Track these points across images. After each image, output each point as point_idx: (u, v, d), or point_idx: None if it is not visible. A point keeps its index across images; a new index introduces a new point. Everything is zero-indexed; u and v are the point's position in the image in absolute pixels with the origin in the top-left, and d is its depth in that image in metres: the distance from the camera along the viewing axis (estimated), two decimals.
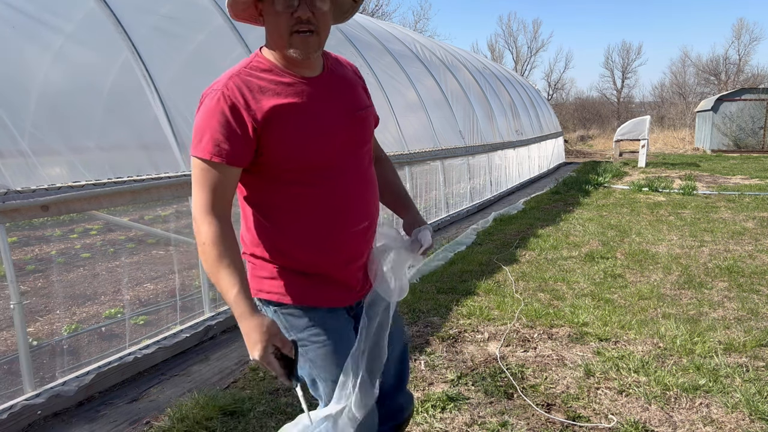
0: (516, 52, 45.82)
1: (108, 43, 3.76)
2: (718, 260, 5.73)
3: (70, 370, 3.15)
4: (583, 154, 24.83)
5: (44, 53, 3.35)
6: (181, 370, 3.47)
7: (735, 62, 40.67)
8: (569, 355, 3.48)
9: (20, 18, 3.26)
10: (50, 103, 3.25)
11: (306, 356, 1.58)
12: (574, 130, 34.76)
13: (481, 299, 4.53)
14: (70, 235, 6.45)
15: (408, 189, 7.19)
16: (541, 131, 15.89)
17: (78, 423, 2.85)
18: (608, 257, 5.88)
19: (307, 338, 1.57)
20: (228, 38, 5.00)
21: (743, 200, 9.87)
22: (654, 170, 15.56)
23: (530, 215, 8.59)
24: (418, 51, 9.82)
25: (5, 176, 2.81)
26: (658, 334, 3.73)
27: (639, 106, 41.86)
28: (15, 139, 2.95)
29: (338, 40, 7.10)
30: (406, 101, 8.07)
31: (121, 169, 3.39)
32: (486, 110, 11.29)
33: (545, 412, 2.78)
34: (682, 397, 2.92)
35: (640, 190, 11.28)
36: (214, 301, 4.17)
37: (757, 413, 2.73)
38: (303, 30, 1.41)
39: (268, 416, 2.78)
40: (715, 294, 4.65)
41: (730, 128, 22.96)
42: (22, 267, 5.40)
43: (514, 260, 5.79)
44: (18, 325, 2.82)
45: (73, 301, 4.53)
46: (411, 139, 7.52)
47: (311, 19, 1.41)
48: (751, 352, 3.46)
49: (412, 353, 3.50)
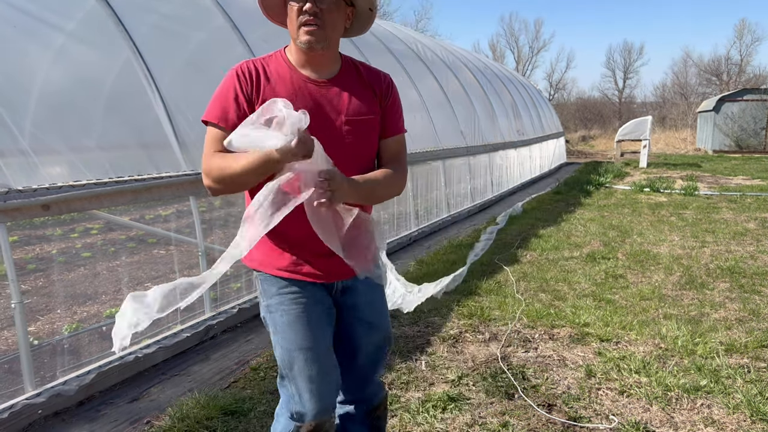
0: (517, 51, 45.87)
1: (109, 42, 3.76)
2: (720, 261, 5.72)
3: (70, 369, 3.15)
4: (584, 155, 24.81)
5: (45, 52, 3.35)
6: (181, 370, 3.47)
7: (737, 63, 40.63)
8: (570, 355, 3.47)
9: (21, 17, 3.26)
10: (51, 102, 3.25)
11: (272, 321, 1.73)
12: (575, 130, 34.76)
13: (482, 299, 4.52)
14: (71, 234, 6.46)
15: (408, 189, 7.21)
16: (542, 131, 15.87)
17: (78, 422, 2.85)
18: (609, 258, 5.87)
19: (274, 305, 1.71)
20: (229, 38, 4.99)
21: (745, 201, 9.86)
22: (655, 170, 15.55)
23: (531, 215, 8.58)
24: (420, 51, 9.82)
25: (6, 175, 2.81)
26: (659, 335, 3.72)
27: (640, 107, 41.83)
28: (16, 139, 2.95)
29: None
30: (407, 101, 8.07)
31: (122, 168, 3.39)
32: (487, 110, 11.28)
33: (546, 413, 2.78)
34: (683, 397, 2.91)
35: (642, 190, 11.27)
36: (215, 301, 4.17)
37: (758, 414, 2.72)
38: (310, 23, 1.60)
39: (268, 416, 2.78)
40: (716, 295, 4.64)
41: (732, 129, 22.94)
42: (23, 266, 5.40)
43: (516, 260, 5.78)
44: (19, 324, 2.82)
45: (74, 300, 4.53)
46: (412, 138, 7.50)
47: (318, 13, 1.59)
48: (752, 352, 3.45)
49: (412, 353, 3.50)
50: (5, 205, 2.70)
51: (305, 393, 1.69)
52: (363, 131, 1.72)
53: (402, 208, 7.18)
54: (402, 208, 7.19)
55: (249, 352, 3.70)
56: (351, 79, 1.74)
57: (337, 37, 1.69)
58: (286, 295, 1.70)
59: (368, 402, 1.93)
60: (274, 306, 1.71)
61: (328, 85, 1.70)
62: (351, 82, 1.74)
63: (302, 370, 1.68)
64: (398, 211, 7.07)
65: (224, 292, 4.41)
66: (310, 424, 1.69)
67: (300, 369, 1.68)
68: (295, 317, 1.68)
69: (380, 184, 1.71)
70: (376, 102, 1.76)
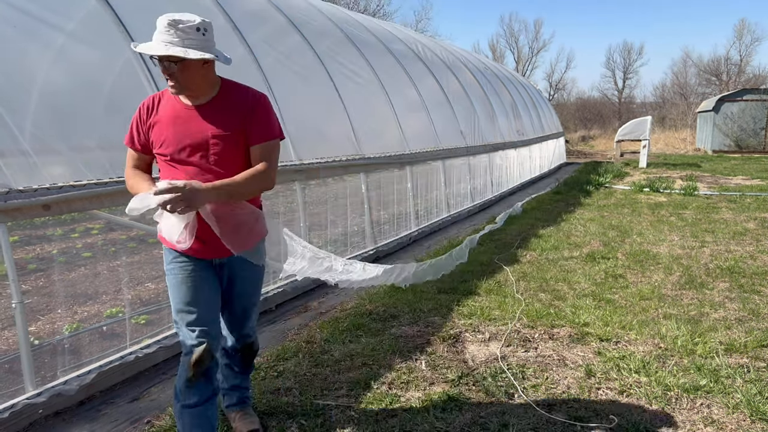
0: (517, 52, 45.86)
1: (109, 42, 3.76)
2: (720, 261, 5.72)
3: (71, 369, 3.16)
4: (584, 155, 24.82)
5: (45, 52, 3.35)
6: None
7: (736, 63, 40.64)
8: (570, 355, 3.48)
9: (21, 17, 3.26)
10: (51, 102, 3.25)
11: (168, 281, 2.33)
12: (575, 130, 34.77)
13: (482, 299, 4.53)
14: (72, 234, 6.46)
15: (408, 189, 7.22)
16: (542, 131, 15.88)
17: (79, 422, 2.86)
18: (609, 257, 5.88)
19: (168, 270, 2.33)
20: (229, 38, 5.00)
21: (744, 201, 9.87)
22: (655, 170, 15.56)
23: (531, 215, 8.59)
24: (420, 51, 9.82)
25: (7, 175, 2.81)
26: (659, 335, 3.72)
27: (640, 107, 41.84)
28: (16, 139, 2.95)
29: (339, 40, 7.10)
30: (407, 101, 8.07)
31: (122, 168, 3.38)
32: (487, 110, 11.29)
33: (546, 413, 2.78)
34: (683, 397, 2.92)
35: (641, 190, 11.27)
36: None
37: (758, 414, 2.73)
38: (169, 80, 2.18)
39: (268, 416, 2.78)
40: (716, 294, 4.65)
41: (732, 129, 22.95)
42: (23, 266, 5.40)
43: (516, 260, 5.79)
44: (19, 324, 2.82)
45: (75, 300, 4.54)
46: (412, 138, 7.52)
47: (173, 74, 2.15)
48: (752, 352, 3.45)
49: (412, 353, 3.51)
50: (6, 205, 2.71)
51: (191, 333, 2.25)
52: (227, 144, 2.22)
53: (402, 208, 7.19)
54: (402, 208, 7.20)
55: None
56: (222, 102, 2.25)
57: (197, 81, 2.19)
58: (177, 264, 2.29)
59: (241, 342, 2.60)
60: (168, 269, 2.32)
61: (202, 109, 2.23)
62: (221, 104, 2.25)
63: (186, 317, 2.26)
64: (398, 211, 7.08)
65: None
66: (197, 353, 2.23)
67: (185, 317, 2.26)
68: (182, 279, 2.28)
69: (240, 184, 2.17)
70: (239, 118, 2.24)
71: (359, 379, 3.14)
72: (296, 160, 5.07)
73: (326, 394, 3.00)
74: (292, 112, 5.30)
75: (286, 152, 5.04)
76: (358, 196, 6.20)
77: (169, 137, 2.24)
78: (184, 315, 2.27)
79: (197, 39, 2.12)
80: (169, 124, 2.25)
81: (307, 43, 6.20)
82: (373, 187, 6.48)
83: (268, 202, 6.47)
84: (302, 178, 5.15)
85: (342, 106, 6.23)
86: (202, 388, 2.26)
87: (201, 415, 2.27)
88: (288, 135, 5.14)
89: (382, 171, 6.77)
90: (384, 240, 6.54)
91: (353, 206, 6.15)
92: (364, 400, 2.91)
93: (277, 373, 3.26)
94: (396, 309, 4.29)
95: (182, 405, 2.26)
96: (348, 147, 6.04)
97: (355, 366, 3.32)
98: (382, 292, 4.71)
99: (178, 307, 2.27)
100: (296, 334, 3.95)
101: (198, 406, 2.26)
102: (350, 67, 6.85)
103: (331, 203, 6.03)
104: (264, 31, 5.72)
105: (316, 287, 5.11)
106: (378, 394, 2.99)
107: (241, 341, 2.61)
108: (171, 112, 2.25)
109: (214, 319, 2.33)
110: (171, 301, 2.32)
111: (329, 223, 5.81)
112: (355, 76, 6.85)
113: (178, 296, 2.28)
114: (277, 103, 5.10)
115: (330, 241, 5.82)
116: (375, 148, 6.52)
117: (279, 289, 4.75)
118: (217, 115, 2.23)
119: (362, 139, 6.32)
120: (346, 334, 3.79)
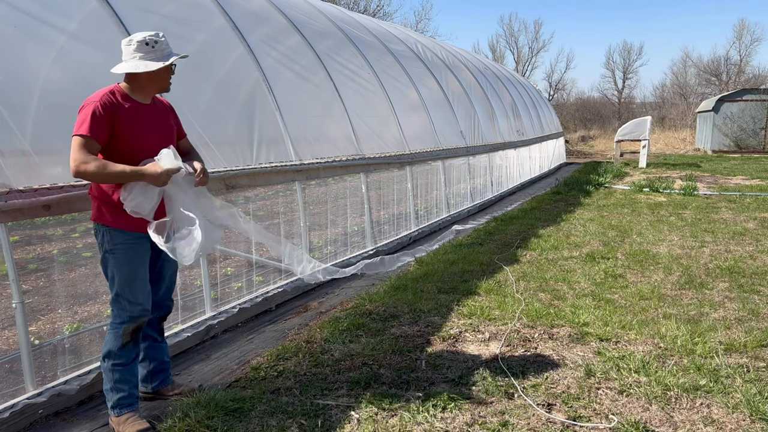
0: (517, 52, 45.85)
1: (110, 42, 3.76)
2: (719, 261, 5.73)
3: (71, 369, 3.16)
4: (584, 155, 24.84)
5: (46, 52, 3.36)
6: (182, 369, 3.47)
7: (736, 63, 40.68)
8: (570, 355, 3.48)
9: (22, 17, 3.26)
10: (52, 102, 3.25)
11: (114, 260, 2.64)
12: (575, 130, 34.78)
13: (482, 299, 4.53)
14: (72, 234, 6.45)
15: (408, 189, 7.23)
16: (542, 131, 15.89)
17: (79, 422, 2.86)
18: (609, 257, 5.88)
19: (117, 249, 2.64)
20: (229, 38, 5.00)
21: (744, 201, 9.87)
22: (655, 171, 15.57)
23: (531, 215, 8.59)
24: (420, 51, 9.83)
25: (7, 175, 2.81)
26: (658, 335, 3.73)
27: (640, 107, 41.84)
28: (17, 138, 2.96)
29: (339, 41, 7.11)
30: (407, 101, 8.08)
31: None
32: (487, 110, 11.30)
33: (546, 412, 2.79)
34: (682, 397, 2.92)
35: (641, 190, 11.28)
36: (216, 301, 4.18)
37: (757, 414, 2.73)
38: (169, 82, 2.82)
39: (269, 415, 2.79)
40: (715, 294, 4.65)
41: (731, 129, 22.96)
42: (23, 266, 5.41)
43: (515, 260, 5.79)
44: (20, 324, 2.83)
45: (75, 300, 4.54)
46: (412, 139, 7.53)
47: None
48: (751, 352, 3.46)
49: (413, 352, 3.51)
50: (6, 205, 2.71)
51: (135, 307, 2.67)
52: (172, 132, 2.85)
53: (402, 208, 7.20)
54: (402, 208, 7.20)
55: (250, 352, 3.71)
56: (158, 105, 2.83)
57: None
58: (129, 244, 2.64)
59: (165, 309, 3.01)
60: (117, 248, 2.63)
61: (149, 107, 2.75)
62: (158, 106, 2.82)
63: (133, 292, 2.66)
64: (398, 211, 7.09)
65: (225, 291, 4.42)
66: (138, 323, 2.70)
67: (132, 292, 2.66)
68: (133, 257, 2.65)
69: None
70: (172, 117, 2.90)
71: (359, 379, 3.15)
72: (296, 160, 5.07)
73: (326, 394, 3.00)
74: (292, 112, 5.30)
75: (286, 152, 5.04)
76: (358, 196, 6.21)
77: (135, 133, 2.69)
78: (131, 290, 2.66)
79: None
80: (131, 121, 2.70)
81: (307, 43, 6.20)
82: (373, 187, 6.48)
83: (269, 203, 6.48)
84: (302, 178, 5.16)
85: (342, 106, 6.24)
86: (131, 350, 2.73)
87: (129, 371, 2.74)
88: (288, 135, 5.15)
89: (382, 171, 6.78)
90: (384, 240, 6.54)
91: (353, 206, 6.16)
92: (364, 400, 2.92)
93: (277, 373, 3.26)
94: (396, 309, 4.29)
95: (113, 364, 2.70)
96: (348, 147, 6.05)
97: (355, 366, 3.32)
98: (382, 292, 4.72)
99: (128, 282, 2.65)
100: (296, 333, 3.95)
101: (127, 365, 2.72)
102: (350, 67, 6.86)
103: (331, 203, 6.04)
104: (264, 31, 5.72)
105: (317, 287, 5.12)
106: (378, 394, 2.99)
107: (165, 309, 3.01)
108: (131, 112, 2.70)
109: (150, 293, 2.77)
110: (117, 276, 2.64)
111: (329, 223, 5.82)
112: (355, 77, 6.86)
113: (129, 273, 2.65)
114: (278, 103, 5.11)
115: (330, 241, 5.83)
116: (375, 148, 6.52)
117: (279, 289, 4.76)
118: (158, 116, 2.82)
119: (362, 139, 6.33)
120: (346, 334, 3.79)
